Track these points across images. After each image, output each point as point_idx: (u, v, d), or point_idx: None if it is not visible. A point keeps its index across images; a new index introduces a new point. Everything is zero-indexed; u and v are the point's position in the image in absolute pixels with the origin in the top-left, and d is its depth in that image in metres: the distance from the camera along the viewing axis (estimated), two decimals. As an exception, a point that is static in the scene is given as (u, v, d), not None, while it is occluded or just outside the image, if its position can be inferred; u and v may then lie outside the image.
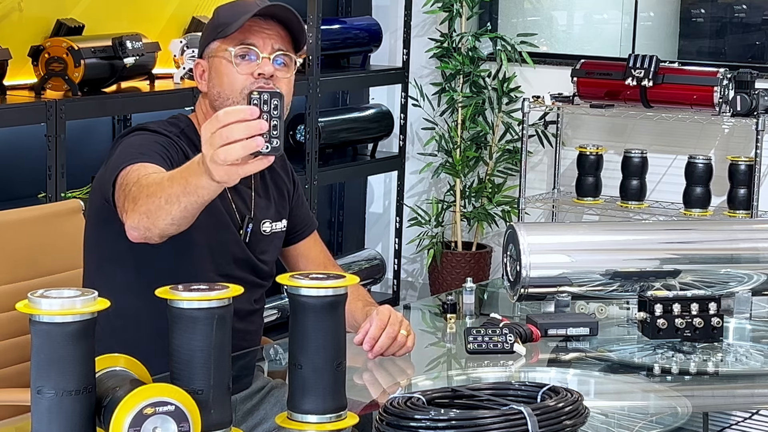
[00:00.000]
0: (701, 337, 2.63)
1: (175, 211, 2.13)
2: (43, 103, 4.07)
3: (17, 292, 2.56)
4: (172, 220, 2.15)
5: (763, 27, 5.65)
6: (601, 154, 5.37)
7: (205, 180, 2.01)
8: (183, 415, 1.68)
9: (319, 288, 1.86)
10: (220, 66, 2.54)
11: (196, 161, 2.06)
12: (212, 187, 2.04)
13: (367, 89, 6.16)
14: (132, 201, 2.24)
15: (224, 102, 2.53)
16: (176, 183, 2.12)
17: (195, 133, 2.58)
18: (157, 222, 2.17)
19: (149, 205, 2.18)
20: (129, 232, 2.25)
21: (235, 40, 2.53)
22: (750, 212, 5.01)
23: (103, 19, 4.63)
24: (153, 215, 2.17)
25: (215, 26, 2.57)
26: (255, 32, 2.53)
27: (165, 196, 2.14)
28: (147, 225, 2.19)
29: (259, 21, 2.54)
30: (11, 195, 4.25)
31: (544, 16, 6.10)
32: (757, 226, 3.24)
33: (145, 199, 2.19)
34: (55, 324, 1.66)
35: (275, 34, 2.55)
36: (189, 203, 2.11)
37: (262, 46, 2.53)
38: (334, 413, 1.87)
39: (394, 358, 2.47)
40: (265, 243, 2.64)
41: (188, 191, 2.09)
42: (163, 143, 2.48)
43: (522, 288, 2.73)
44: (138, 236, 2.24)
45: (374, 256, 5.87)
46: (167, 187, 2.14)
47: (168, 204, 2.14)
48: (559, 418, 1.86)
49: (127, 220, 2.24)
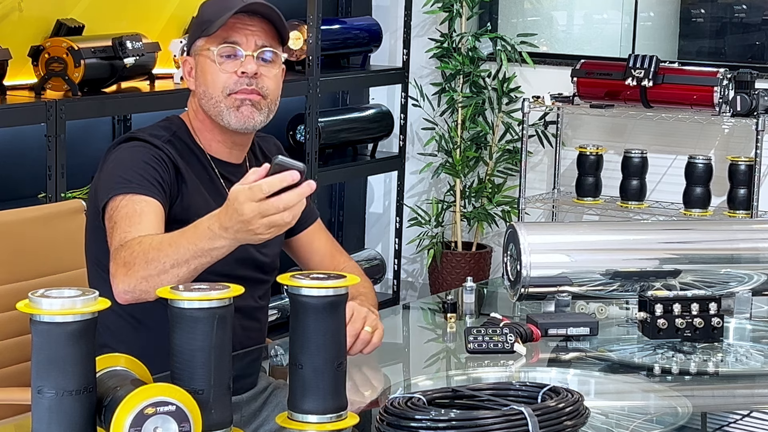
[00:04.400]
0: (701, 337, 2.63)
1: (183, 272, 2.16)
2: (43, 103, 4.07)
3: (17, 292, 2.56)
4: (179, 281, 2.16)
5: (763, 27, 5.65)
6: (601, 154, 5.37)
7: (223, 242, 2.08)
8: (184, 415, 1.68)
9: (320, 288, 1.86)
10: (204, 65, 2.54)
11: (206, 226, 2.09)
12: (231, 247, 2.11)
13: (367, 89, 6.16)
14: (124, 266, 2.24)
15: (210, 101, 2.53)
16: (183, 248, 2.15)
17: (187, 133, 2.59)
18: (160, 285, 2.15)
19: (149, 270, 2.19)
20: (119, 295, 2.25)
21: (218, 38, 2.52)
22: (750, 212, 5.01)
23: (103, 19, 4.63)
24: (155, 279, 2.18)
25: (199, 23, 2.57)
26: (238, 29, 2.52)
27: (170, 261, 2.16)
28: (145, 288, 2.21)
29: (243, 17, 2.52)
30: (11, 195, 4.25)
31: (544, 16, 6.10)
32: (757, 226, 3.23)
33: (144, 264, 2.20)
34: (55, 324, 1.66)
35: (259, 30, 2.53)
36: (200, 264, 2.15)
37: (245, 44, 2.52)
38: (334, 413, 1.87)
39: (360, 362, 2.44)
40: None
41: (200, 255, 2.13)
42: (152, 162, 2.46)
43: (522, 288, 2.73)
44: (130, 299, 2.26)
45: (374, 256, 5.87)
46: (172, 252, 2.16)
47: (175, 267, 2.16)
48: (560, 419, 1.86)
49: (118, 284, 2.24)
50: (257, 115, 2.53)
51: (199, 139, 2.58)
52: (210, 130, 2.58)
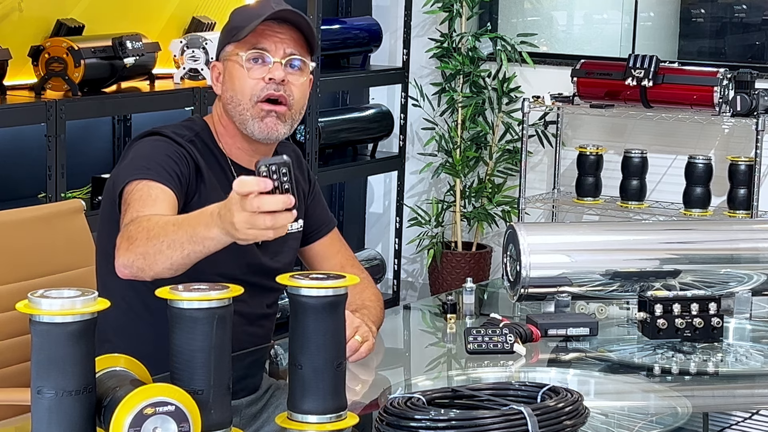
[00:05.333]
0: (701, 337, 2.63)
1: (176, 257, 2.16)
2: (43, 103, 4.07)
3: (17, 292, 2.56)
4: (171, 265, 2.17)
5: (763, 27, 5.65)
6: (601, 154, 5.37)
7: (216, 232, 2.05)
8: (183, 415, 1.68)
9: (319, 288, 1.86)
10: (233, 70, 2.55)
11: (209, 212, 2.08)
12: (222, 240, 2.08)
13: (367, 89, 6.16)
14: (127, 240, 2.25)
15: (236, 106, 2.54)
16: (182, 230, 2.14)
17: (210, 136, 2.60)
18: (154, 265, 2.19)
19: (148, 247, 2.20)
20: (119, 269, 2.26)
21: (247, 44, 2.53)
22: (750, 212, 5.01)
23: (103, 19, 4.63)
24: (151, 258, 2.19)
25: (229, 30, 2.58)
26: (267, 36, 2.53)
27: (168, 241, 2.16)
28: (141, 266, 2.21)
29: (273, 25, 2.54)
30: (11, 195, 4.25)
31: (544, 16, 6.10)
32: (757, 226, 3.23)
33: (145, 241, 2.21)
34: (55, 324, 1.66)
35: (288, 38, 2.54)
36: (193, 252, 2.14)
37: (273, 51, 2.53)
38: (334, 413, 1.87)
39: (360, 362, 2.43)
40: (278, 244, 2.63)
41: (195, 240, 2.12)
42: (174, 156, 2.48)
43: (522, 288, 2.73)
44: (128, 274, 2.26)
45: (374, 256, 5.87)
46: (171, 232, 2.16)
47: (170, 249, 2.16)
48: (559, 419, 1.86)
49: (119, 257, 2.26)
50: (281, 127, 2.55)
51: (221, 143, 2.60)
52: (233, 135, 2.59)
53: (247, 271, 2.55)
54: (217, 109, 2.63)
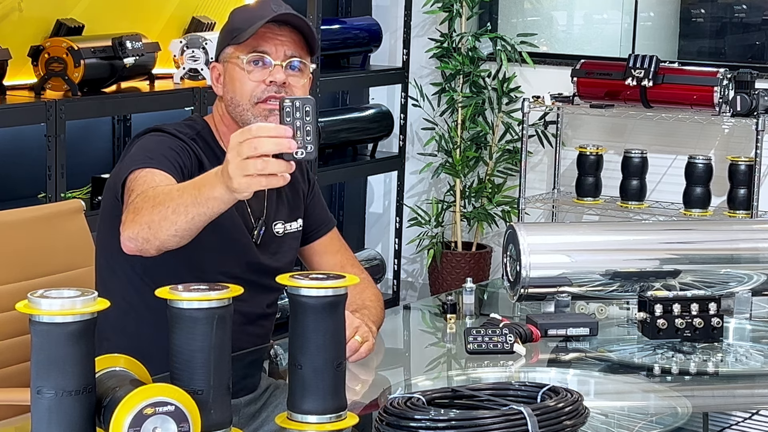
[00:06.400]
0: (701, 337, 2.63)
1: (181, 222, 2.15)
2: (43, 103, 4.07)
3: (17, 292, 2.56)
4: (176, 231, 2.16)
5: (763, 27, 5.65)
6: (601, 154, 5.36)
7: (220, 190, 2.04)
8: (183, 416, 1.68)
9: (319, 288, 1.86)
10: (233, 72, 2.55)
11: (213, 172, 2.08)
12: (225, 198, 2.06)
13: (367, 89, 6.16)
14: (133, 212, 2.25)
15: (236, 108, 2.55)
16: (187, 193, 2.14)
17: (211, 135, 2.60)
18: (159, 233, 2.18)
19: (153, 215, 2.19)
20: (125, 243, 2.25)
21: (248, 47, 2.53)
22: (750, 212, 5.01)
23: (103, 19, 4.63)
24: (156, 226, 2.18)
25: (229, 31, 2.58)
26: (268, 39, 2.53)
27: (173, 206, 2.16)
28: (146, 236, 2.21)
29: (273, 27, 2.53)
30: (11, 195, 4.25)
31: (544, 16, 6.10)
32: (757, 226, 3.24)
33: (150, 209, 2.20)
34: (55, 324, 1.66)
35: (288, 40, 2.54)
36: (197, 214, 2.13)
37: (274, 54, 2.53)
38: (334, 413, 1.87)
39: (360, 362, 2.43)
40: (277, 244, 2.63)
41: (199, 201, 2.11)
42: (177, 149, 2.49)
43: (522, 288, 2.73)
44: (134, 248, 2.25)
45: (374, 256, 5.87)
46: (176, 197, 2.16)
47: (174, 214, 2.15)
48: (559, 419, 1.86)
49: (124, 230, 2.25)
50: None
51: (223, 142, 2.60)
52: None
53: (246, 271, 2.55)
54: (218, 109, 2.63)
